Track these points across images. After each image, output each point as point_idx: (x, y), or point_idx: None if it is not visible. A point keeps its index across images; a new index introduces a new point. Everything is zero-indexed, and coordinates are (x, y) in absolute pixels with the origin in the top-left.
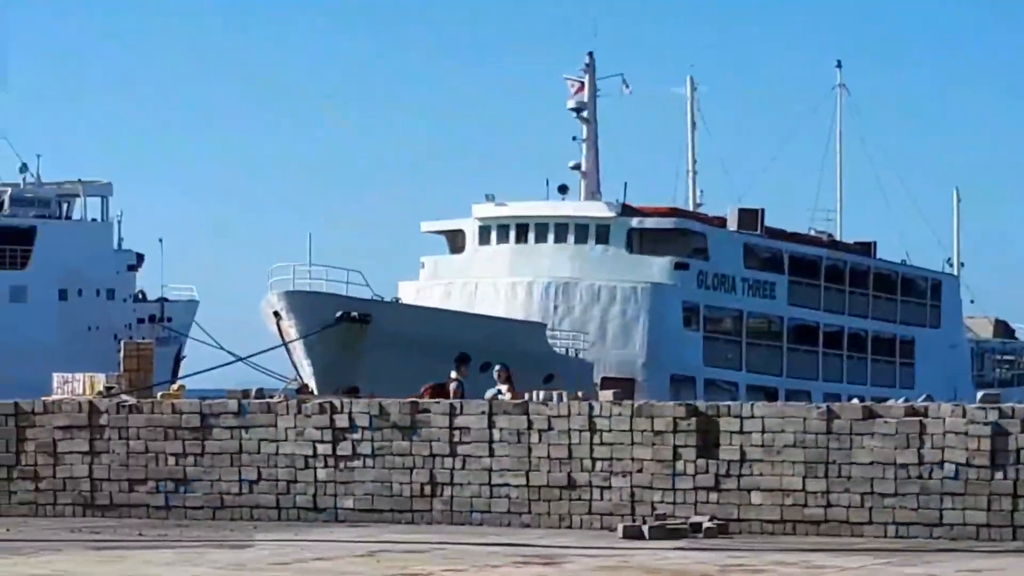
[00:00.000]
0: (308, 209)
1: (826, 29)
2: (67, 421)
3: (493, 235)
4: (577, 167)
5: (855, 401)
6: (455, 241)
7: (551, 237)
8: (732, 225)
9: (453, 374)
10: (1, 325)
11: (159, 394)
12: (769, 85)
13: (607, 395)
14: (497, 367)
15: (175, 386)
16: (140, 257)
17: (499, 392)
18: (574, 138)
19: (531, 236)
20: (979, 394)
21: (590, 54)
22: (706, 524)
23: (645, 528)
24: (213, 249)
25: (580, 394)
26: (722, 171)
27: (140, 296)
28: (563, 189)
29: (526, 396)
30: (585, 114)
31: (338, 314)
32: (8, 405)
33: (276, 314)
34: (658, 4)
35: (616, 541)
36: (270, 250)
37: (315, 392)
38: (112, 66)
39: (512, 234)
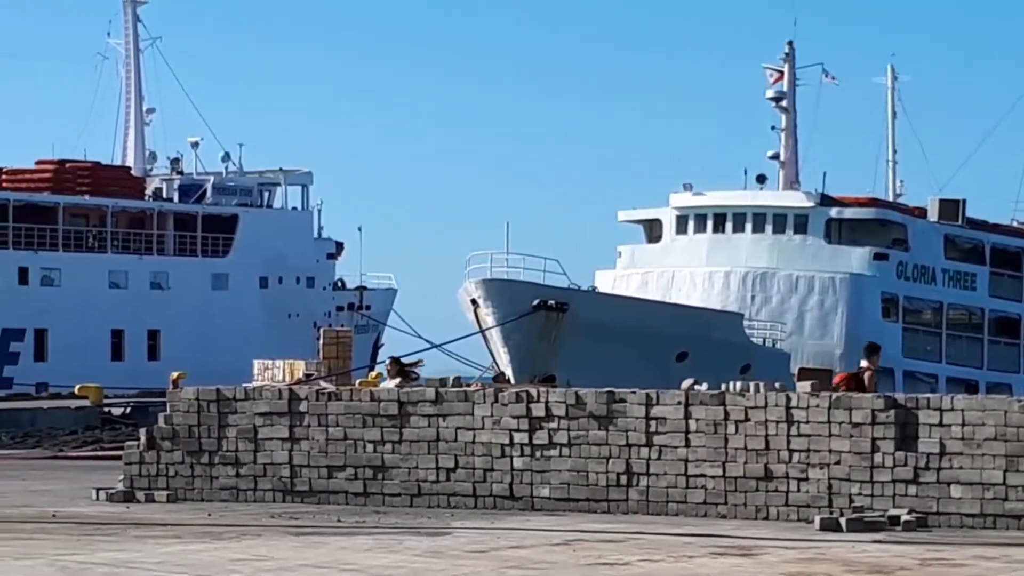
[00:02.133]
0: (506, 197)
1: None
2: (268, 408)
3: (691, 225)
4: (776, 156)
5: None
6: (652, 230)
7: (749, 227)
8: (932, 216)
9: (864, 363)
10: (203, 312)
11: (357, 381)
12: (972, 75)
13: (804, 386)
14: (387, 360)
15: (373, 373)
16: (340, 245)
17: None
18: (773, 127)
19: (729, 226)
20: None
21: (790, 43)
22: (904, 517)
23: (842, 520)
24: (412, 237)
25: (777, 385)
26: (923, 161)
27: (339, 284)
28: (761, 179)
29: (722, 387)
30: (784, 103)
31: (535, 302)
32: (210, 391)
33: (474, 302)
34: None
35: (813, 533)
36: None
37: (512, 380)
38: (314, 55)
39: (710, 224)
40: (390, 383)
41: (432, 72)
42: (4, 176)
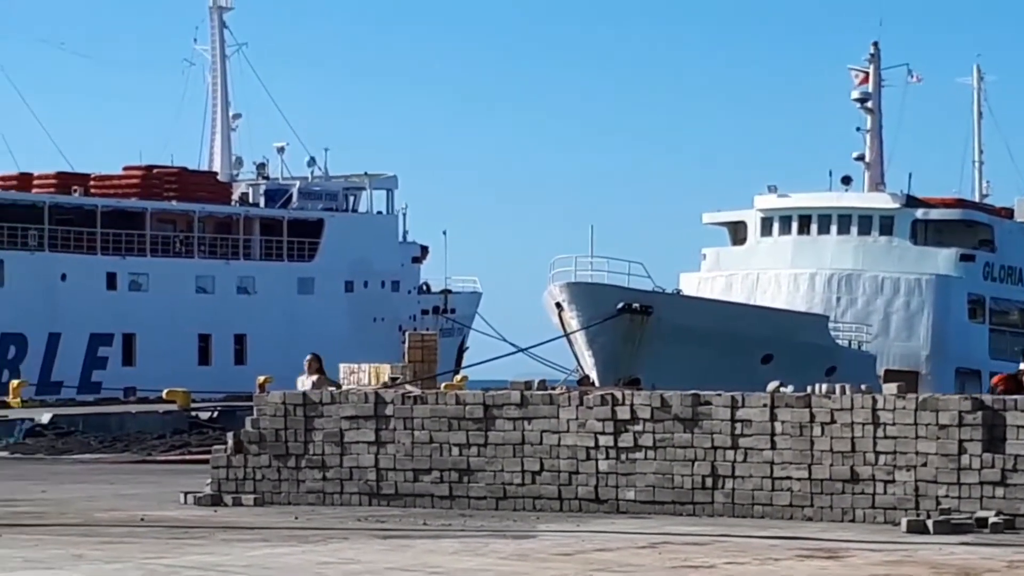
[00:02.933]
0: (590, 200)
1: None
2: (354, 411)
3: (775, 226)
4: (861, 158)
5: None
6: (737, 232)
7: (834, 228)
8: (1020, 216)
9: (1023, 365)
10: (289, 316)
11: (443, 384)
12: None
13: (891, 388)
14: (308, 357)
15: (458, 377)
16: (424, 249)
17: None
18: (858, 129)
19: (814, 227)
20: None
21: (875, 44)
22: (992, 519)
23: (929, 523)
24: (496, 241)
25: (864, 387)
26: (1009, 161)
27: (424, 288)
28: (846, 180)
29: (808, 389)
30: (869, 104)
31: (619, 305)
32: (297, 395)
33: (558, 305)
34: None
35: (899, 536)
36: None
37: (596, 383)
38: (399, 60)
39: (795, 225)
40: (307, 379)
41: (517, 76)
42: (92, 182)
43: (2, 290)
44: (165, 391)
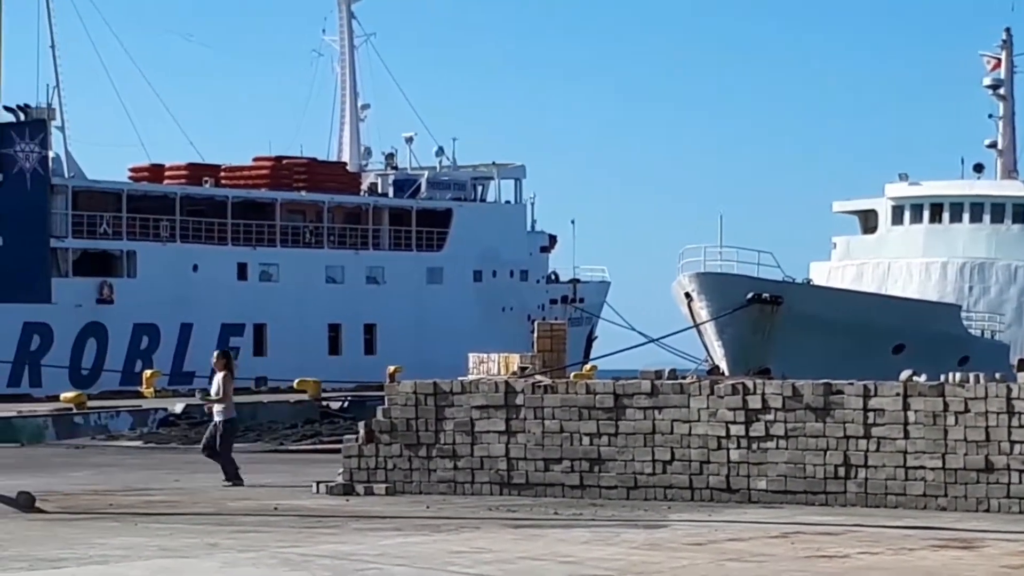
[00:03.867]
0: (719, 189)
1: None
2: (484, 401)
3: (906, 215)
4: (993, 145)
5: None
6: (868, 221)
7: (966, 217)
8: None
9: None
10: (418, 306)
11: (572, 374)
12: None
13: None
14: (215, 353)
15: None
16: (553, 239)
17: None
18: (990, 116)
19: (945, 216)
20: None
21: (1007, 30)
22: None
23: None
24: (625, 230)
25: (998, 376)
26: None
27: (553, 277)
28: (979, 168)
29: (941, 378)
30: (1002, 91)
31: (749, 295)
32: (427, 385)
33: (687, 295)
34: None
35: None
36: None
37: (726, 373)
38: (526, 49)
39: (926, 214)
40: (218, 375)
41: (644, 65)
42: (223, 173)
43: (135, 281)
44: (296, 381)
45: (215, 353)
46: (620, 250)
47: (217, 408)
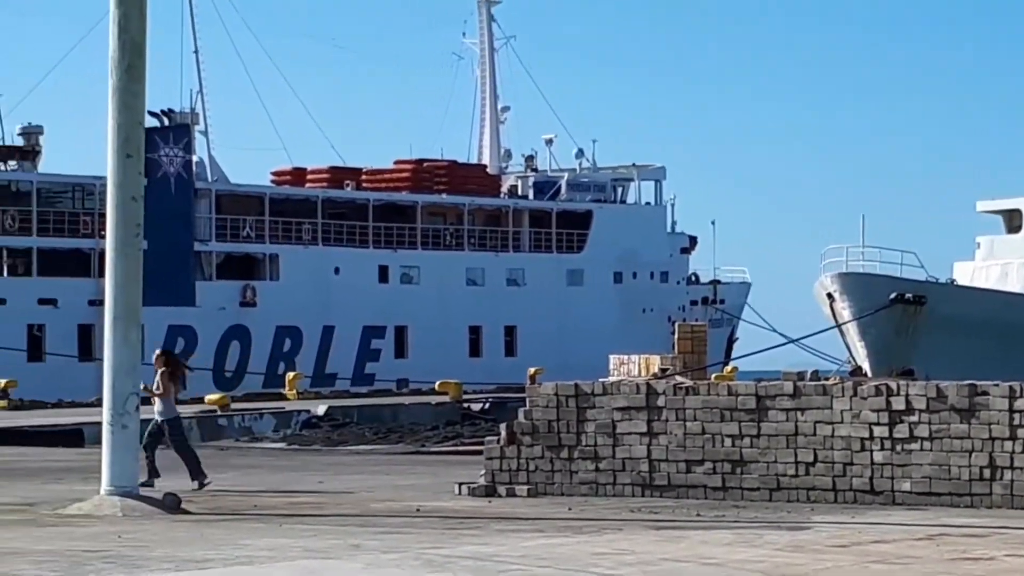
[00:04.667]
0: (861, 189)
1: None
2: (626, 402)
3: None
4: None
5: None
6: (1012, 220)
7: None
8: None
9: None
10: (559, 308)
11: (712, 376)
12: None
13: None
14: (156, 352)
15: (728, 367)
16: (693, 240)
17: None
18: None
19: None
20: None
21: None
22: None
23: None
24: (765, 231)
25: None
26: None
27: (693, 278)
28: None
29: None
30: None
31: (892, 296)
32: (569, 386)
33: (829, 296)
34: None
35: None
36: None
37: (869, 374)
38: (663, 51)
39: None
40: (158, 372)
41: (782, 65)
42: (364, 176)
43: (278, 284)
44: (437, 383)
45: (156, 352)
46: (761, 251)
47: (157, 408)
